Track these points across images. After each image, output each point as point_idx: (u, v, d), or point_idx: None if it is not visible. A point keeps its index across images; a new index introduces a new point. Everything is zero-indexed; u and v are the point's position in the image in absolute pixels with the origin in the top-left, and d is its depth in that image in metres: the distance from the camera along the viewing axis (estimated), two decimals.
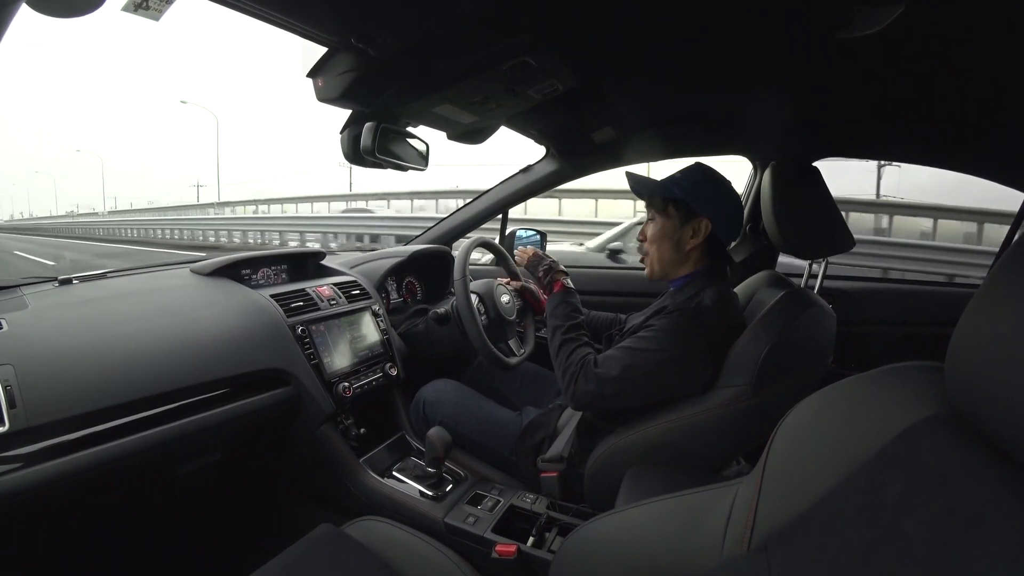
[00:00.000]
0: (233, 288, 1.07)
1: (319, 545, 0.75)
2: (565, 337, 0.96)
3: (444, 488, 1.00)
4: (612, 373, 0.86)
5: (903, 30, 0.59)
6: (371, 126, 0.89)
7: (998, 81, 0.73)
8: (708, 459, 0.87)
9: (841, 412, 0.41)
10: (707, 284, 0.90)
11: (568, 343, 0.95)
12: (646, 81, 0.94)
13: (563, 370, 0.92)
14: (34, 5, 0.49)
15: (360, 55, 0.73)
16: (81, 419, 0.71)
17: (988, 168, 1.15)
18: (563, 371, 0.92)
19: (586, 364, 0.90)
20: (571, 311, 1.01)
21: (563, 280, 1.08)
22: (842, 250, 1.00)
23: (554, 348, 0.97)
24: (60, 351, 0.75)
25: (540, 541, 0.86)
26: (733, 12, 0.64)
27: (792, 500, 0.40)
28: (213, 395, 0.88)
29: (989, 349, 0.30)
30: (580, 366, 0.90)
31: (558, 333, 0.98)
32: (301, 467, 1.11)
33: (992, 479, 0.29)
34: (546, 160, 1.47)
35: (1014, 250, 0.31)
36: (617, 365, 0.86)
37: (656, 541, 0.53)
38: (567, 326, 0.98)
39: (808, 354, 0.86)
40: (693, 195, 0.91)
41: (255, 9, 0.62)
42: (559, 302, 1.03)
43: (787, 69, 0.81)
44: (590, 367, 0.89)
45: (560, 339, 0.96)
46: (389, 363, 1.20)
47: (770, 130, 1.21)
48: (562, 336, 0.97)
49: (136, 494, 0.92)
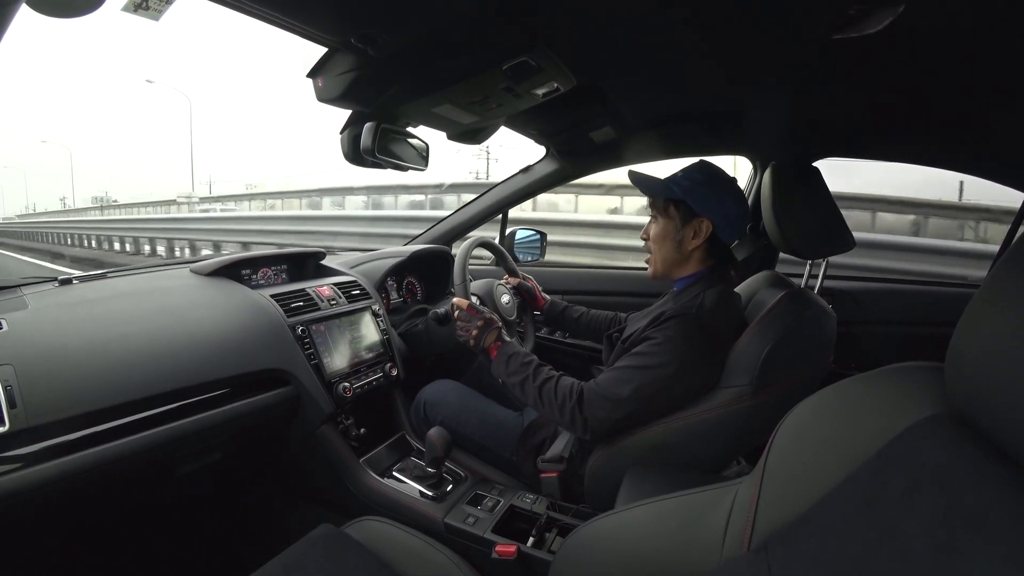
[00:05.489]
0: (233, 288, 1.07)
1: (319, 545, 0.75)
2: (537, 383, 0.90)
3: (444, 488, 1.00)
4: (624, 394, 0.83)
5: (903, 30, 0.59)
6: (371, 126, 0.89)
7: (998, 81, 0.73)
8: (708, 459, 0.87)
9: (841, 412, 0.41)
10: (709, 285, 0.90)
11: (545, 384, 0.90)
12: (646, 81, 0.94)
13: (558, 408, 0.87)
14: (34, 5, 0.49)
15: (360, 55, 0.73)
16: (81, 419, 0.71)
17: (988, 168, 1.15)
18: (559, 409, 0.87)
19: (585, 392, 0.86)
20: (523, 360, 0.94)
21: (498, 338, 0.99)
22: (842, 250, 1.00)
23: (532, 398, 0.90)
24: (60, 351, 0.75)
25: (540, 541, 0.86)
26: (733, 12, 0.64)
27: (792, 500, 0.40)
28: (213, 395, 0.88)
29: (989, 349, 0.30)
30: (577, 396, 0.86)
31: (527, 383, 0.91)
32: (301, 467, 1.11)
33: (992, 479, 0.29)
34: (546, 160, 1.47)
35: (1014, 250, 0.31)
36: (627, 387, 0.83)
37: (656, 541, 0.53)
38: (531, 373, 0.92)
39: (808, 354, 0.86)
40: (693, 196, 0.90)
41: (255, 9, 0.62)
42: (506, 360, 0.95)
43: (787, 69, 0.81)
44: (593, 392, 0.86)
45: (534, 387, 0.90)
46: (389, 363, 1.20)
47: (770, 130, 1.21)
48: (533, 384, 0.90)
49: (136, 494, 0.92)
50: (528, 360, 0.94)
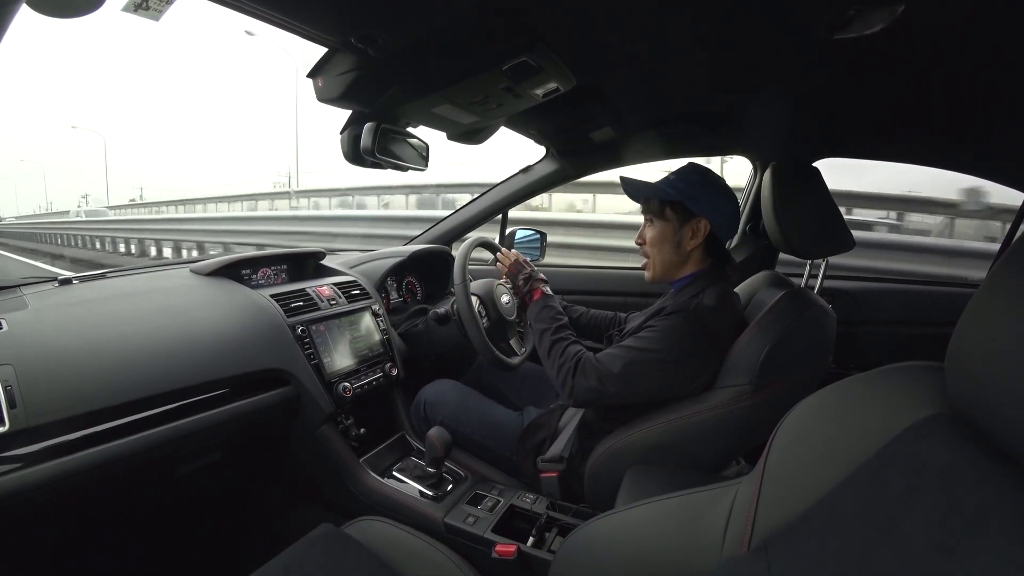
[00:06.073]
0: (233, 288, 1.07)
1: (319, 545, 0.75)
2: (554, 338, 0.96)
3: (444, 488, 1.00)
4: (614, 370, 0.86)
5: (903, 30, 0.59)
6: (371, 126, 0.88)
7: (998, 81, 0.73)
8: (708, 459, 0.87)
9: (841, 412, 0.41)
10: (708, 284, 0.90)
11: (559, 342, 0.95)
12: (646, 81, 0.94)
13: (557, 368, 0.92)
14: (34, 5, 0.49)
15: (360, 55, 0.73)
16: (81, 419, 0.71)
17: (988, 168, 1.15)
18: (557, 369, 0.92)
19: (582, 360, 0.90)
20: (555, 314, 1.01)
21: (542, 288, 1.08)
22: (842, 250, 1.00)
23: (544, 349, 0.97)
24: (60, 351, 0.75)
25: (540, 541, 0.86)
26: (733, 12, 0.64)
27: (792, 500, 0.40)
28: (213, 395, 0.87)
29: (989, 349, 0.30)
30: (575, 362, 0.90)
31: (546, 335, 0.98)
32: (301, 467, 1.11)
33: (992, 479, 0.29)
34: (546, 160, 1.47)
35: (1014, 250, 0.31)
36: (618, 363, 0.86)
37: (656, 541, 0.54)
38: (553, 328, 0.98)
39: (808, 354, 0.86)
40: (690, 196, 0.91)
41: (255, 9, 0.62)
42: (542, 307, 1.03)
43: (787, 69, 0.81)
44: (589, 363, 0.89)
45: (549, 340, 0.97)
46: (389, 363, 1.20)
47: (770, 130, 1.21)
48: (551, 337, 0.97)
49: (136, 494, 0.92)
50: (558, 316, 1.01)
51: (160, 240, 9.32)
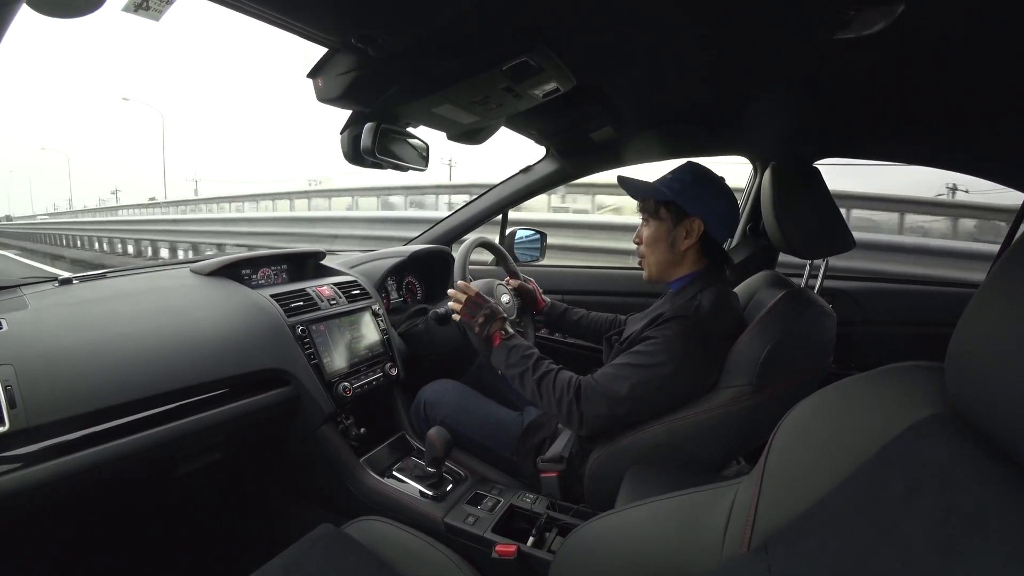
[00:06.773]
0: (233, 288, 1.07)
1: (319, 545, 0.75)
2: (536, 376, 0.91)
3: (444, 488, 1.00)
4: (621, 392, 0.84)
5: (903, 30, 0.59)
6: (371, 126, 0.89)
7: (998, 81, 0.73)
8: (708, 459, 0.87)
9: (841, 412, 0.41)
10: (706, 285, 0.90)
11: (544, 377, 0.90)
12: (646, 81, 0.94)
13: (556, 402, 0.88)
14: (34, 5, 0.49)
15: (360, 55, 0.73)
16: (81, 419, 0.71)
17: (988, 168, 1.15)
18: (556, 403, 0.88)
19: (582, 387, 0.87)
20: (524, 352, 0.95)
21: (499, 331, 0.99)
22: (842, 250, 1.00)
23: (530, 391, 0.91)
24: (60, 351, 0.75)
25: (540, 541, 0.86)
26: (733, 12, 0.64)
27: (792, 500, 0.40)
28: (213, 395, 0.88)
29: (989, 349, 0.30)
30: (575, 390, 0.87)
31: (526, 376, 0.92)
32: (301, 467, 1.11)
33: (992, 479, 0.29)
34: (546, 160, 1.47)
35: (1014, 250, 0.31)
36: (624, 384, 0.84)
37: (656, 541, 0.54)
38: (530, 366, 0.92)
39: (808, 354, 0.86)
40: (683, 196, 0.91)
41: (255, 9, 0.62)
42: (507, 352, 0.95)
43: (787, 69, 0.81)
44: (591, 388, 0.86)
45: (532, 381, 0.91)
46: (389, 363, 1.20)
47: (770, 130, 1.21)
48: (532, 377, 0.91)
49: (136, 494, 0.92)
50: (529, 353, 0.95)
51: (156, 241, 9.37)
